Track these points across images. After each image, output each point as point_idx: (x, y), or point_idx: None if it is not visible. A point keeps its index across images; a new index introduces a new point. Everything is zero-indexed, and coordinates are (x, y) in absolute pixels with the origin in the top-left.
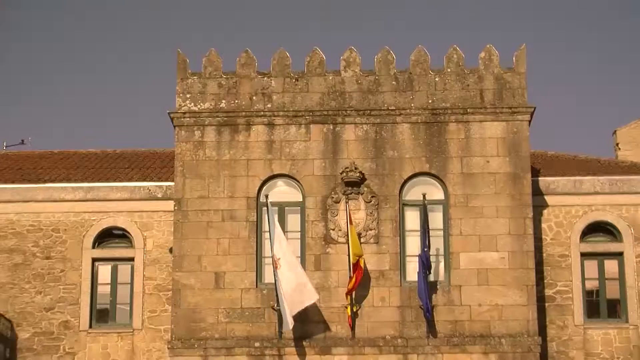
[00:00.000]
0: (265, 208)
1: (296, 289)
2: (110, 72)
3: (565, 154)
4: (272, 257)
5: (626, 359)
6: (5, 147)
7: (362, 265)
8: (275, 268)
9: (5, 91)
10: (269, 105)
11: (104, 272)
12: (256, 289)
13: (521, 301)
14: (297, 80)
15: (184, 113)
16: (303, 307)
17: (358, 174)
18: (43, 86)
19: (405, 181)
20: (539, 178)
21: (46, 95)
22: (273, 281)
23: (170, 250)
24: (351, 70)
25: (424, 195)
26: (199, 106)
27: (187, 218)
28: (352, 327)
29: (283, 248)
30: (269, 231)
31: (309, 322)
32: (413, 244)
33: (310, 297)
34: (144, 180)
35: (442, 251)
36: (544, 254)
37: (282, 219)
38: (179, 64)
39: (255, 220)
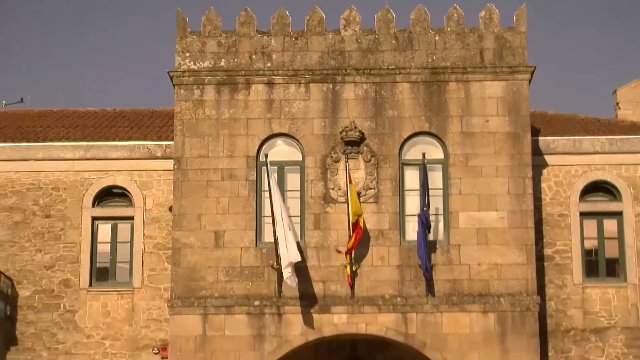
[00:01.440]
0: (265, 167)
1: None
2: (110, 30)
3: (565, 113)
4: (273, 215)
5: (624, 318)
6: (5, 105)
7: (361, 224)
8: (274, 226)
9: (5, 50)
10: (269, 64)
11: (104, 230)
12: (255, 248)
13: (520, 260)
14: (297, 39)
15: (183, 72)
16: (285, 264)
17: (358, 133)
18: (43, 44)
19: (405, 140)
20: (539, 138)
21: (46, 53)
22: (272, 240)
23: (170, 209)
24: (351, 29)
25: (423, 155)
26: (198, 65)
27: (186, 177)
28: (352, 286)
29: (277, 207)
30: (269, 190)
31: (309, 281)
32: (412, 204)
33: (294, 257)
34: (144, 139)
35: (441, 210)
36: (543, 214)
37: (281, 178)
38: (178, 23)
39: (255, 179)
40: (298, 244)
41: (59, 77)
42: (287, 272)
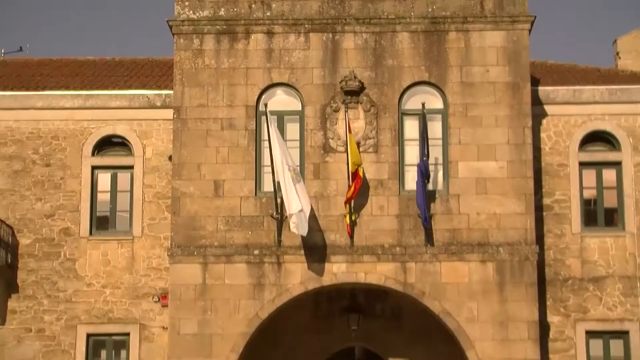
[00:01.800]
0: (265, 117)
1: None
2: None
3: (565, 63)
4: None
5: (622, 267)
6: (4, 54)
7: (360, 174)
8: (274, 175)
9: None
10: (268, 14)
11: (104, 179)
12: (255, 197)
13: (519, 210)
14: None
15: (183, 21)
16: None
17: (357, 83)
18: None
19: (405, 90)
20: (539, 87)
21: (45, 2)
22: (272, 190)
23: (170, 158)
24: None
25: (423, 105)
26: (197, 14)
27: (186, 126)
28: (351, 236)
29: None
30: (269, 140)
31: (308, 230)
32: (412, 153)
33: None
34: (143, 88)
35: (440, 160)
36: (543, 163)
37: (281, 128)
38: None
39: (255, 129)
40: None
41: (58, 26)
42: (292, 224)
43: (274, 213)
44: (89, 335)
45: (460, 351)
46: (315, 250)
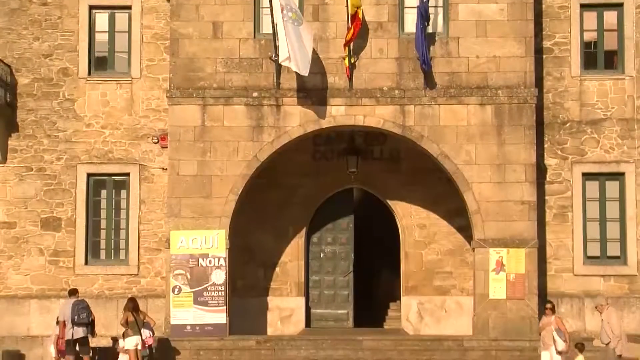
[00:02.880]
0: None
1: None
2: None
3: None
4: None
5: (620, 109)
6: None
7: (360, 16)
8: (272, 17)
9: None
10: None
11: (102, 19)
12: (254, 39)
13: (519, 53)
14: None
15: None
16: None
17: None
18: None
19: None
20: None
21: None
22: (271, 32)
23: None
24: None
25: None
26: None
27: None
28: (350, 78)
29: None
30: None
31: (308, 72)
32: None
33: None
34: None
35: (440, 2)
36: (543, 5)
37: None
38: None
39: None
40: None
41: None
42: (293, 62)
43: (273, 55)
44: (89, 175)
45: (458, 193)
46: (314, 92)
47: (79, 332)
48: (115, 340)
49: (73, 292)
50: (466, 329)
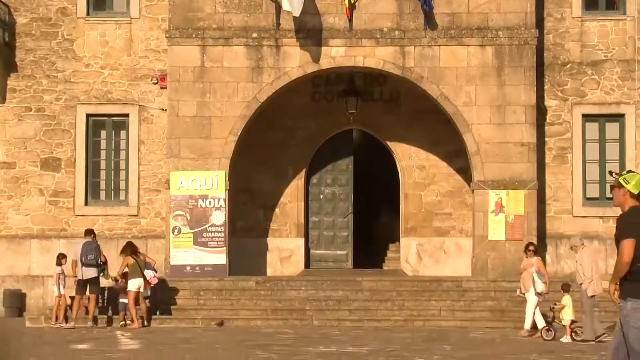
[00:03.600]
0: None
1: None
2: None
3: None
4: None
5: (621, 50)
6: None
7: None
8: None
9: None
10: None
11: None
12: None
13: None
14: None
15: None
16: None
17: None
18: None
19: None
20: None
21: None
22: None
23: None
24: None
25: None
26: None
27: None
28: (350, 19)
29: None
30: None
31: (307, 13)
32: None
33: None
34: None
35: None
36: None
37: None
38: None
39: None
40: None
41: None
42: (286, 5)
43: None
44: (88, 116)
45: (457, 134)
46: (313, 33)
47: (89, 272)
48: (116, 280)
49: (88, 233)
50: (465, 270)
